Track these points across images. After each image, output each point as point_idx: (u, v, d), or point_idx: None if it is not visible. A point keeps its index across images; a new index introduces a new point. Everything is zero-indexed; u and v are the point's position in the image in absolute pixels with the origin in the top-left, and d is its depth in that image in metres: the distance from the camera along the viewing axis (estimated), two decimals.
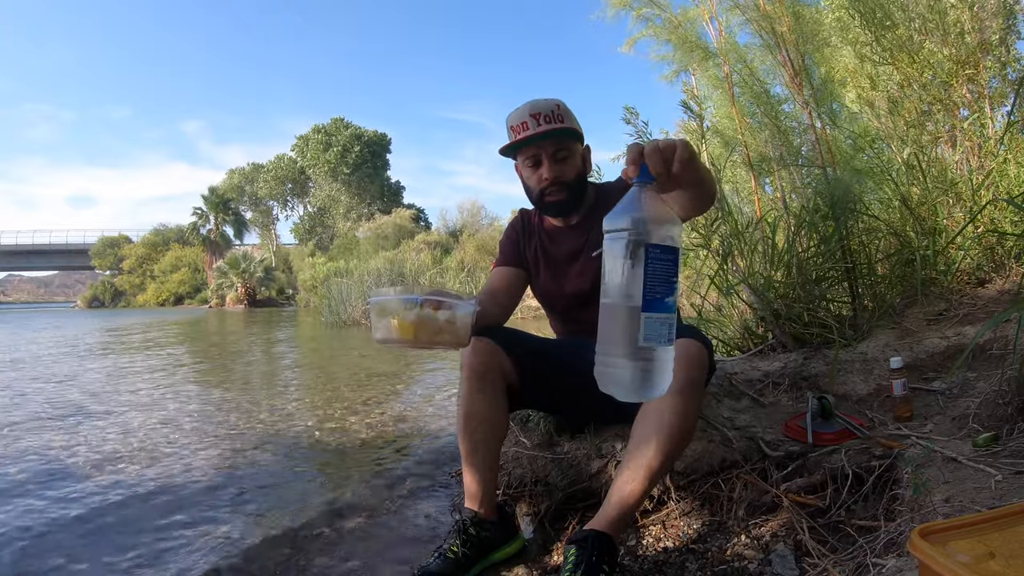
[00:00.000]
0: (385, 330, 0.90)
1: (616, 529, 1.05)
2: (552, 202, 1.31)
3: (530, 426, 1.53)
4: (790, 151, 2.35)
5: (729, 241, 2.22)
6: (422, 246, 18.81)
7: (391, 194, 37.51)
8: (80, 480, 1.88)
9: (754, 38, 2.29)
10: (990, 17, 2.58)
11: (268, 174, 37.96)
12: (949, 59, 2.56)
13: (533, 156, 1.29)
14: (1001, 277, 2.11)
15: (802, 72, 2.18)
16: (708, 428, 1.38)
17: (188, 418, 2.81)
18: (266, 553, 1.36)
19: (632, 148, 0.67)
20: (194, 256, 36.47)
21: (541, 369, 1.30)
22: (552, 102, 1.27)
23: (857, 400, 1.64)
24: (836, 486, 1.17)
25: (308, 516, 1.57)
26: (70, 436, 2.46)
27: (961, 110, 2.65)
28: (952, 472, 1.00)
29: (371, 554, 1.34)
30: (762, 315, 2.12)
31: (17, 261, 47.46)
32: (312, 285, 20.90)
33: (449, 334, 0.91)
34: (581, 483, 1.37)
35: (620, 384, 0.65)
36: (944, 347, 1.73)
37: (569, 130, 1.27)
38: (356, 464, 2.04)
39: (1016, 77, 2.66)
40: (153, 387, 3.78)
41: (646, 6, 2.41)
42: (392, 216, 25.31)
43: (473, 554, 1.16)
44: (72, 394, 3.52)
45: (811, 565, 1.02)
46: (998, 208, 2.19)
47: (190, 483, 1.84)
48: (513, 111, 1.28)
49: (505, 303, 1.37)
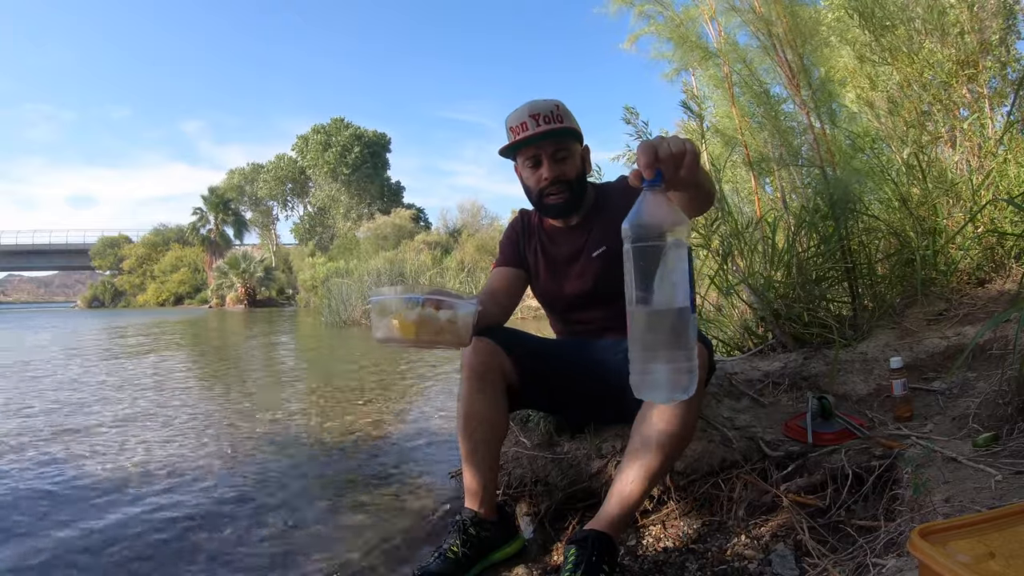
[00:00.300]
0: (386, 329, 0.90)
1: (616, 529, 1.05)
2: (552, 203, 1.31)
3: (530, 426, 1.53)
4: (790, 151, 2.35)
5: (729, 241, 2.22)
6: (422, 246, 18.82)
7: (391, 194, 37.52)
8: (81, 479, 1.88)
9: (752, 39, 2.29)
10: (990, 17, 2.58)
11: (268, 174, 37.98)
12: (949, 59, 2.56)
13: (533, 156, 1.29)
14: (1001, 277, 2.11)
15: (800, 73, 2.17)
16: (708, 428, 1.38)
17: (188, 418, 2.81)
18: (265, 551, 1.36)
19: (647, 149, 0.66)
20: (194, 256, 36.47)
21: (541, 369, 1.30)
22: (551, 102, 1.27)
23: (857, 400, 1.64)
24: (836, 486, 1.17)
25: (307, 516, 1.57)
26: (73, 441, 2.46)
27: (961, 110, 2.65)
28: (952, 472, 1.00)
29: (371, 554, 1.34)
30: (762, 315, 2.12)
31: (17, 261, 47.46)
32: (312, 285, 20.92)
33: (450, 334, 0.91)
34: (581, 483, 1.37)
35: (664, 387, 0.66)
36: (944, 347, 1.73)
37: (569, 130, 1.27)
38: (356, 463, 2.04)
39: (1016, 77, 2.66)
40: (153, 386, 3.79)
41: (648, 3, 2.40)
42: (392, 216, 25.31)
43: (473, 554, 1.16)
44: (75, 396, 3.52)
45: (811, 565, 1.02)
46: (998, 208, 2.19)
47: (189, 482, 1.84)
48: (512, 112, 1.28)
49: (505, 303, 1.37)
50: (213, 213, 36.16)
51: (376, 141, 36.97)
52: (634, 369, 0.67)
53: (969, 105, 2.62)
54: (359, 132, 36.37)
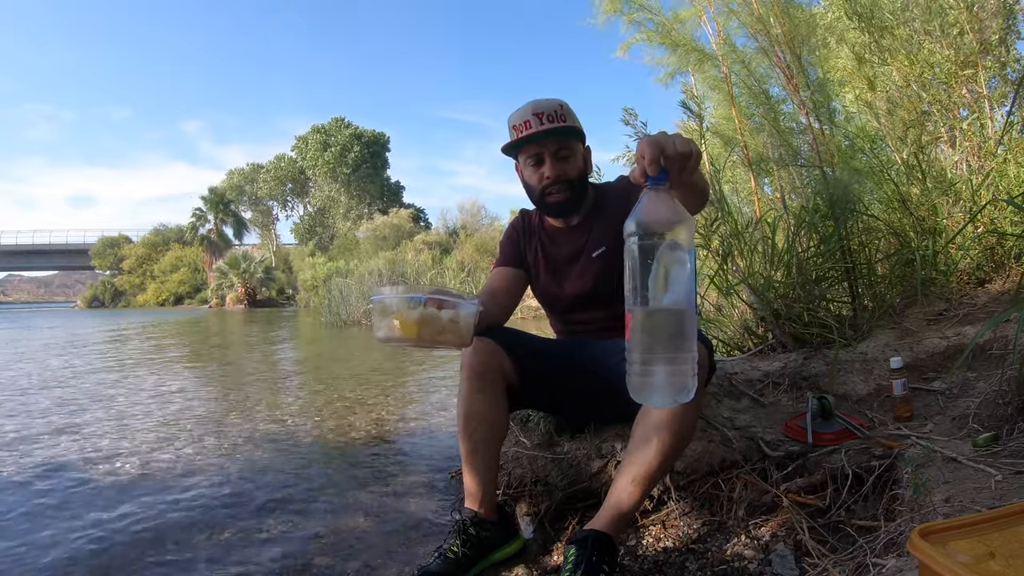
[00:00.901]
0: (387, 329, 0.90)
1: (616, 529, 1.05)
2: (554, 202, 1.31)
3: (530, 426, 1.53)
4: (789, 151, 2.35)
5: (729, 241, 2.22)
6: (422, 246, 18.81)
7: (391, 194, 37.51)
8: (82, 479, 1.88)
9: (750, 40, 2.29)
10: (990, 17, 2.58)
11: (268, 174, 37.98)
12: (948, 60, 2.56)
13: (536, 155, 1.29)
14: (1001, 277, 2.11)
15: (799, 74, 2.18)
16: (708, 428, 1.38)
17: (188, 417, 2.81)
18: (264, 553, 1.36)
19: (653, 146, 0.65)
20: (194, 256, 36.46)
21: (541, 369, 1.30)
22: (555, 102, 1.27)
23: (857, 400, 1.64)
24: (836, 486, 1.17)
25: (307, 516, 1.57)
26: (70, 441, 2.46)
27: (961, 110, 2.65)
28: (952, 472, 1.00)
29: (371, 554, 1.34)
30: (762, 315, 2.12)
31: (17, 261, 47.45)
32: (312, 285, 20.90)
33: (452, 334, 0.91)
34: (581, 483, 1.37)
35: (663, 390, 0.64)
36: (944, 347, 1.73)
37: (572, 129, 1.28)
38: (356, 463, 2.04)
39: (1016, 77, 2.66)
40: (152, 386, 3.78)
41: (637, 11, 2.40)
42: (390, 216, 25.31)
43: (473, 554, 1.16)
44: (71, 395, 3.52)
45: (811, 565, 1.02)
46: (998, 208, 2.19)
47: (188, 483, 1.84)
48: (515, 111, 1.28)
49: (505, 303, 1.37)
50: (213, 213, 36.14)
51: (375, 140, 36.96)
52: (632, 371, 0.65)
53: (969, 105, 2.62)
54: (358, 132, 36.37)
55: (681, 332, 0.63)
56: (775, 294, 2.08)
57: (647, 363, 0.64)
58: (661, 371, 0.64)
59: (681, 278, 0.62)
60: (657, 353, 0.64)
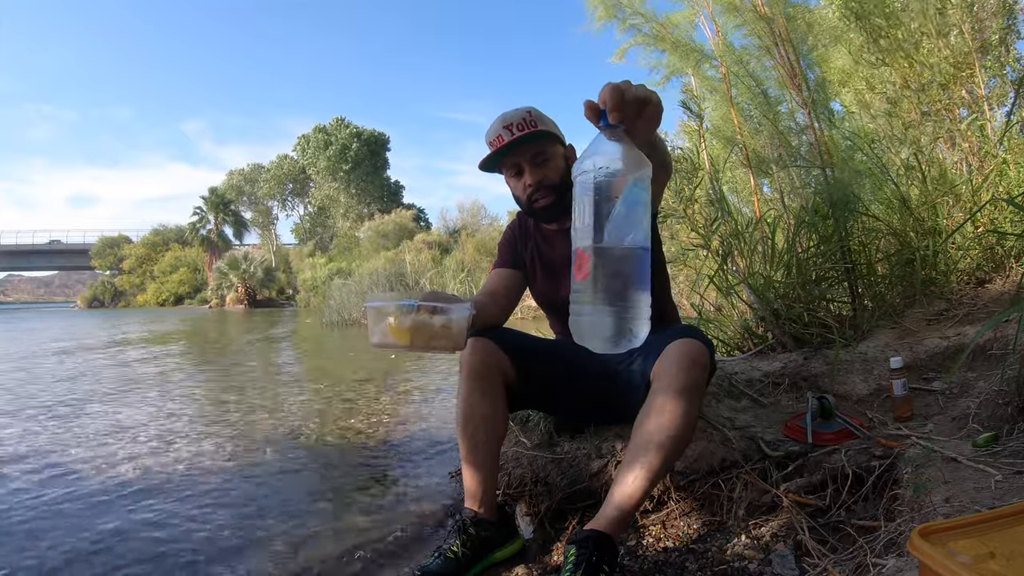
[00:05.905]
0: (381, 334, 0.92)
1: (616, 529, 1.04)
2: (541, 207, 1.31)
3: (530, 426, 1.53)
4: (789, 151, 2.35)
5: (729, 241, 2.22)
6: (422, 246, 18.80)
7: (390, 194, 37.49)
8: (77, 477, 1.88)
9: (749, 39, 2.29)
10: (990, 17, 2.58)
11: (268, 174, 37.97)
12: (947, 60, 2.56)
13: (514, 165, 1.30)
14: (1001, 277, 2.12)
15: (800, 73, 2.18)
16: (708, 428, 1.38)
17: (187, 419, 2.81)
18: (265, 553, 1.36)
19: (613, 91, 0.63)
20: (194, 256, 36.46)
21: (540, 369, 1.30)
22: (523, 110, 1.28)
23: (857, 400, 1.64)
24: (836, 486, 1.17)
25: (307, 516, 1.57)
26: (70, 442, 2.46)
27: (960, 111, 2.65)
28: (952, 472, 1.00)
29: (371, 554, 1.34)
30: (762, 315, 2.12)
31: (17, 261, 47.44)
32: (312, 285, 20.90)
33: (445, 338, 0.93)
34: (581, 483, 1.37)
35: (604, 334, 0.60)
36: (944, 347, 1.73)
37: (544, 133, 1.27)
38: (356, 464, 2.04)
39: (1016, 77, 2.66)
40: (151, 387, 3.78)
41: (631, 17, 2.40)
42: (393, 215, 25.30)
43: (473, 554, 1.16)
44: (71, 398, 3.52)
45: (811, 565, 1.02)
46: (998, 208, 2.19)
47: (188, 484, 1.84)
48: (488, 129, 1.29)
49: (504, 304, 1.37)
50: (213, 213, 36.15)
51: (374, 139, 36.94)
52: (573, 310, 0.62)
53: (968, 106, 2.63)
54: (358, 131, 36.36)
55: (625, 273, 0.59)
56: (775, 294, 2.08)
57: (590, 302, 0.60)
58: (601, 311, 0.59)
59: (628, 216, 0.59)
60: (597, 293, 0.60)
